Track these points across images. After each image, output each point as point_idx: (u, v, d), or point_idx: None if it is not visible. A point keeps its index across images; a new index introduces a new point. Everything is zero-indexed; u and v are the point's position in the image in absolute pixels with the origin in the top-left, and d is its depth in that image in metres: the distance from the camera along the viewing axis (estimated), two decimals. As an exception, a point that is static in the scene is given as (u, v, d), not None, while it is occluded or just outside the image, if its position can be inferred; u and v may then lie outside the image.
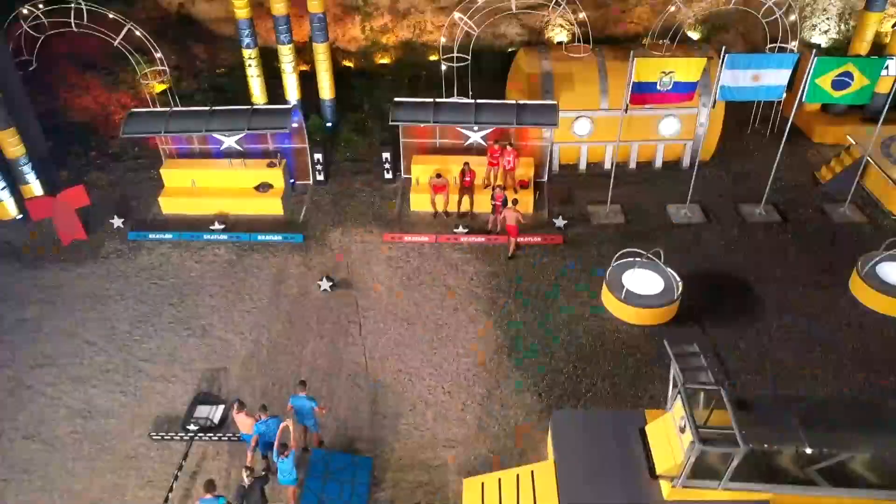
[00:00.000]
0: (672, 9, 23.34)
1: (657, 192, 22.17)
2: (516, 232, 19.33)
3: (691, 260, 19.42)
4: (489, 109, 20.16)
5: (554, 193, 22.16)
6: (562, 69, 22.12)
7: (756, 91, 18.65)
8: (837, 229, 20.48)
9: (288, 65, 24.17)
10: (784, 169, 22.97)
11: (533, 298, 18.28)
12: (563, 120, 21.99)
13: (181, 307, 18.18)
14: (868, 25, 22.59)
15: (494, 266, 19.40)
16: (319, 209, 21.67)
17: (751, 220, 20.84)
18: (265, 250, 20.04)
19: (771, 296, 18.26)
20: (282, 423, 12.86)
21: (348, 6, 29.03)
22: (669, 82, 18.44)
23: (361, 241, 20.39)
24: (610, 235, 20.41)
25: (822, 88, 18.56)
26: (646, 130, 22.33)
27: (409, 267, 19.41)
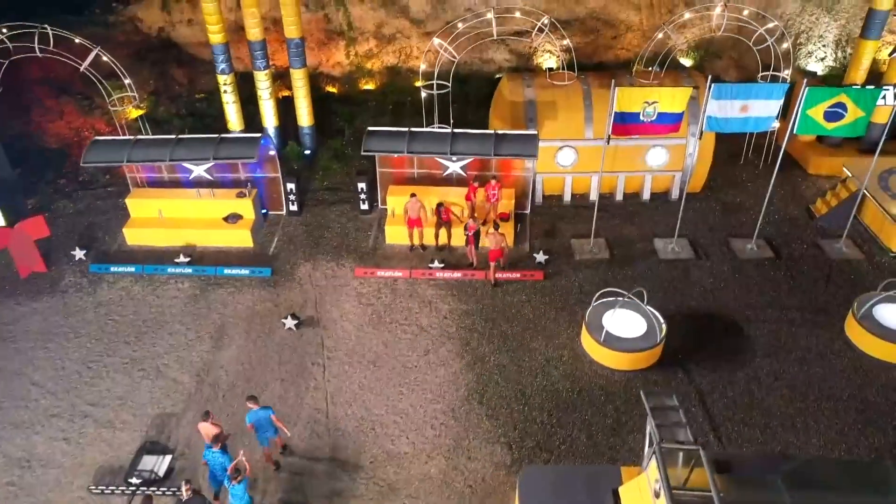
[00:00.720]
0: (660, 35, 22.61)
1: (644, 226, 21.23)
2: (500, 255, 18.49)
3: (678, 298, 18.43)
4: (466, 139, 19.33)
5: (536, 226, 21.25)
6: (545, 97, 21.32)
7: (744, 122, 17.76)
8: (833, 266, 19.47)
9: (265, 91, 23.46)
10: (778, 201, 22.08)
11: (509, 339, 17.28)
12: (546, 149, 21.21)
13: (137, 346, 17.24)
14: (864, 54, 21.75)
15: (470, 303, 18.43)
16: (291, 241, 20.78)
17: (742, 256, 19.85)
18: (231, 285, 19.12)
19: (762, 338, 17.23)
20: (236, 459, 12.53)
21: (332, 31, 28.44)
22: (653, 113, 17.58)
23: (333, 275, 19.46)
24: (593, 271, 19.43)
25: (814, 120, 17.66)
26: (633, 161, 21.46)
27: (381, 304, 18.46)
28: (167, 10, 27.20)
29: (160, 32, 27.75)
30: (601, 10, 27.93)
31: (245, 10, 21.86)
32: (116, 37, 26.83)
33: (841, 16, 26.76)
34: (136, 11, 27.44)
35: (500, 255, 18.58)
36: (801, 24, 27.40)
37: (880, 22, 20.98)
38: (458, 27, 22.39)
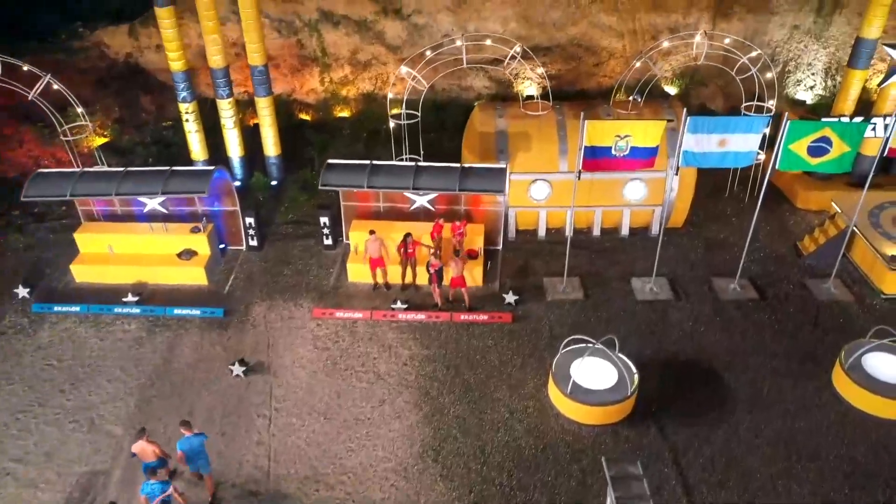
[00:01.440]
0: (637, 64, 21.69)
1: (622, 263, 20.13)
2: (463, 282, 17.75)
3: (655, 343, 17.28)
4: (430, 174, 18.30)
5: (508, 263, 20.15)
6: (518, 128, 20.33)
7: (723, 157, 16.72)
8: (821, 309, 18.31)
9: (228, 119, 22.53)
10: (763, 238, 21.00)
11: (471, 389, 16.11)
12: (518, 183, 20.20)
13: (72, 394, 16.09)
14: (852, 83, 20.77)
15: (433, 348, 17.28)
16: (249, 279, 19.70)
17: (724, 297, 18.71)
18: (179, 326, 18.00)
19: (743, 388, 16.04)
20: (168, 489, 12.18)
21: (306, 57, 27.61)
22: (626, 147, 16.55)
23: (289, 316, 18.34)
24: (566, 313, 18.30)
25: (797, 155, 16.62)
26: (610, 195, 20.41)
27: (337, 348, 17.31)
28: (134, 35, 26.39)
29: (127, 58, 26.92)
30: (582, 36, 27.08)
31: (206, 36, 20.99)
32: (79, 63, 25.98)
33: (830, 43, 25.86)
34: (102, 37, 26.63)
35: (462, 284, 17.71)
36: (790, 52, 26.50)
37: (868, 51, 20.04)
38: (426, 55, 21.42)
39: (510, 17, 26.81)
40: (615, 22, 26.69)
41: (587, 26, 26.94)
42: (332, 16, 26.79)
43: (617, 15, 26.59)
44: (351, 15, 26.85)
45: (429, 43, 26.22)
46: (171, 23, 20.54)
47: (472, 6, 26.62)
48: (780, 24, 26.02)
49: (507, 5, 26.55)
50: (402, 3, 26.63)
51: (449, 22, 26.84)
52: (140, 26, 26.26)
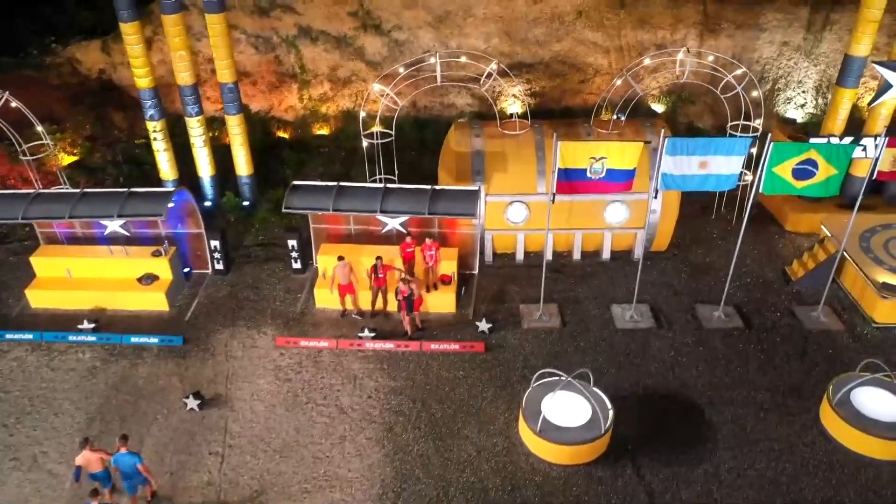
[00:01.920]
0: (618, 82, 21.00)
1: (603, 289, 19.29)
2: (416, 306, 17.10)
3: (633, 375, 16.42)
4: (399, 196, 17.51)
5: (483, 289, 19.33)
6: (494, 147, 19.59)
7: (704, 180, 15.93)
8: (809, 338, 17.44)
9: (198, 138, 21.80)
10: (751, 262, 20.17)
11: (438, 424, 15.24)
12: (495, 205, 19.43)
13: (16, 429, 15.23)
14: (841, 102, 20.02)
15: (400, 380, 16.42)
16: (213, 304, 18.87)
17: (708, 325, 17.85)
18: (136, 355, 17.17)
19: (725, 425, 15.16)
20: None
21: (284, 73, 26.98)
22: (602, 169, 15.78)
23: (252, 344, 17.51)
24: (542, 343, 17.45)
25: (782, 178, 15.84)
26: (590, 217, 19.62)
27: (300, 380, 16.46)
28: (107, 51, 25.77)
29: (100, 74, 26.30)
30: (566, 53, 26.44)
31: (173, 52, 20.31)
32: (50, 79, 25.35)
33: (820, 60, 25.18)
34: (74, 52, 26.03)
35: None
36: (779, 69, 25.82)
37: (857, 69, 19.30)
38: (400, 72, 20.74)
39: (493, 33, 26.20)
40: (600, 38, 26.07)
41: (572, 43, 26.32)
42: (311, 31, 26.20)
43: (602, 31, 25.97)
44: (329, 31, 26.25)
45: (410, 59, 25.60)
46: (137, 38, 19.87)
47: (453, 22, 26.02)
48: (769, 40, 25.37)
49: (489, 21, 25.95)
50: (381, 18, 26.04)
51: (430, 38, 26.24)
52: (113, 42, 25.64)
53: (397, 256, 18.26)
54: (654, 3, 25.36)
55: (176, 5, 19.56)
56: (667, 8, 25.42)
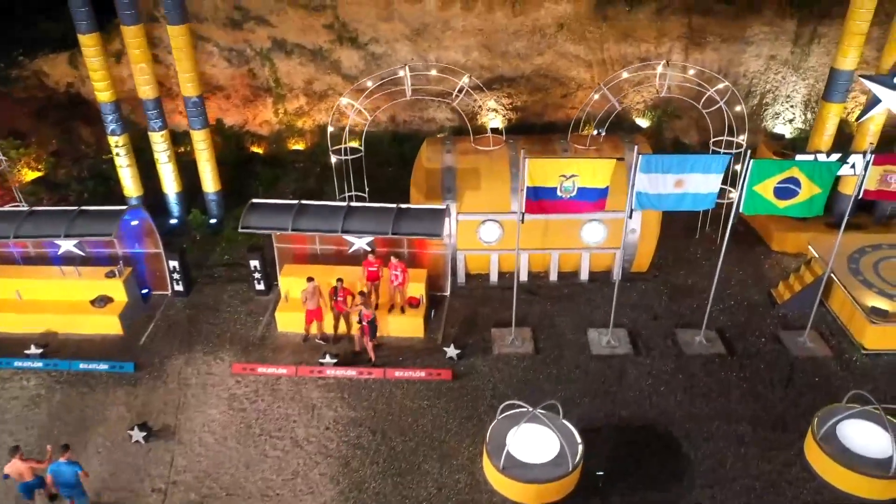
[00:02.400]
0: (596, 96, 20.27)
1: (580, 312, 18.42)
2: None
3: (608, 405, 15.52)
4: (362, 215, 16.67)
5: (455, 312, 18.46)
6: (467, 164, 18.80)
7: (681, 199, 15.10)
8: (795, 365, 16.55)
9: (162, 153, 21.03)
10: (735, 284, 19.32)
11: (398, 459, 14.31)
12: (467, 224, 18.62)
13: (-52, 464, 14.27)
14: (828, 118, 19.25)
15: (360, 410, 15.51)
16: (169, 328, 17.99)
17: (689, 351, 16.96)
18: (84, 383, 16.27)
19: (704, 460, 14.23)
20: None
21: (259, 87, 26.24)
22: (573, 188, 14.96)
23: (207, 371, 16.61)
24: (513, 370, 16.55)
25: (763, 197, 15.01)
26: (567, 237, 18.79)
27: (255, 409, 15.55)
28: (75, 64, 25.03)
29: (68, 88, 25.55)
30: (548, 66, 25.72)
31: (134, 65, 19.62)
32: (16, 92, 24.62)
33: (809, 74, 24.44)
34: (42, 65, 25.30)
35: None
36: (767, 84, 25.09)
37: (844, 83, 18.55)
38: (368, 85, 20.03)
39: (472, 46, 25.50)
40: (583, 51, 25.37)
41: (553, 56, 25.60)
42: (285, 44, 25.49)
43: (584, 44, 25.27)
44: (305, 44, 25.54)
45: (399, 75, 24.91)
46: (96, 51, 19.21)
47: (431, 35, 25.33)
48: (756, 54, 24.65)
49: (468, 34, 25.26)
50: (358, 31, 25.34)
51: (408, 51, 25.54)
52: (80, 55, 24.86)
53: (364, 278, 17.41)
54: (637, 16, 24.69)
55: (135, 17, 18.88)
56: (650, 21, 24.73)
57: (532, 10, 24.80)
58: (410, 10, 24.84)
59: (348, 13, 25.02)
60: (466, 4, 24.70)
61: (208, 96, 26.37)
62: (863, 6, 17.37)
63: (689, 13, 24.51)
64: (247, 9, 24.82)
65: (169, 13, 18.75)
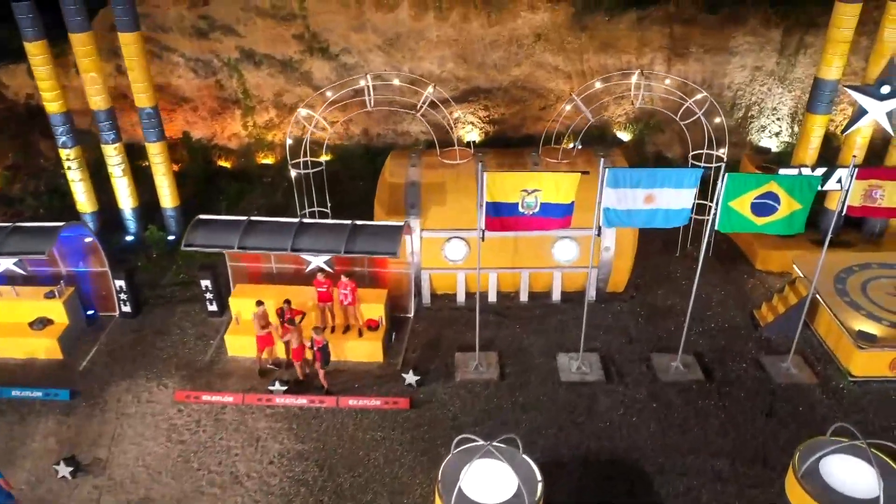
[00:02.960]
0: (568, 108, 19.37)
1: (550, 335, 17.36)
2: (300, 355, 15.32)
3: (575, 437, 14.41)
4: (315, 232, 15.65)
5: (417, 335, 17.40)
6: (432, 178, 17.85)
7: (652, 216, 14.10)
8: (777, 393, 15.45)
9: (116, 167, 20.06)
10: (716, 305, 18.27)
11: (344, 497, 13.21)
12: (432, 241, 17.62)
13: None
14: (812, 130, 18.30)
15: (309, 442, 14.40)
16: (113, 353, 16.92)
17: (664, 378, 15.88)
18: (15, 412, 15.19)
19: (677, 499, 13.13)
20: None
21: (227, 99, 25.37)
22: (535, 203, 13.96)
23: (149, 399, 15.52)
24: (475, 397, 15.46)
25: (739, 214, 14.00)
26: (537, 255, 17.79)
27: (195, 441, 14.44)
28: (34, 75, 24.14)
29: (27, 99, 24.65)
30: (526, 78, 24.85)
31: (84, 74, 18.74)
32: (-29, 104, 23.75)
33: (795, 86, 23.54)
34: (0, 76, 24.42)
35: (300, 356, 15.42)
36: (752, 96, 24.19)
37: (828, 93, 17.61)
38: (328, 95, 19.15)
39: (447, 56, 24.65)
40: (561, 62, 24.50)
41: (531, 67, 24.74)
42: (254, 55, 24.65)
43: (563, 55, 24.42)
44: (274, 54, 24.70)
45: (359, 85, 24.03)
46: (44, 59, 18.33)
47: (405, 45, 24.48)
48: (741, 65, 23.77)
49: (443, 45, 24.41)
50: (329, 41, 24.51)
51: (381, 62, 24.68)
52: (41, 65, 24.01)
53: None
54: (617, 26, 23.85)
55: (83, 24, 17.97)
56: (631, 31, 23.89)
57: (508, 19, 23.98)
58: (383, 19, 24.02)
59: (319, 23, 24.20)
60: (440, 14, 23.88)
61: (174, 108, 25.55)
62: (846, 13, 16.48)
63: (670, 23, 23.68)
64: (213, 18, 24.00)
65: (119, 20, 17.88)
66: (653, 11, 23.75)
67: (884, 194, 14.01)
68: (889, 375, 15.52)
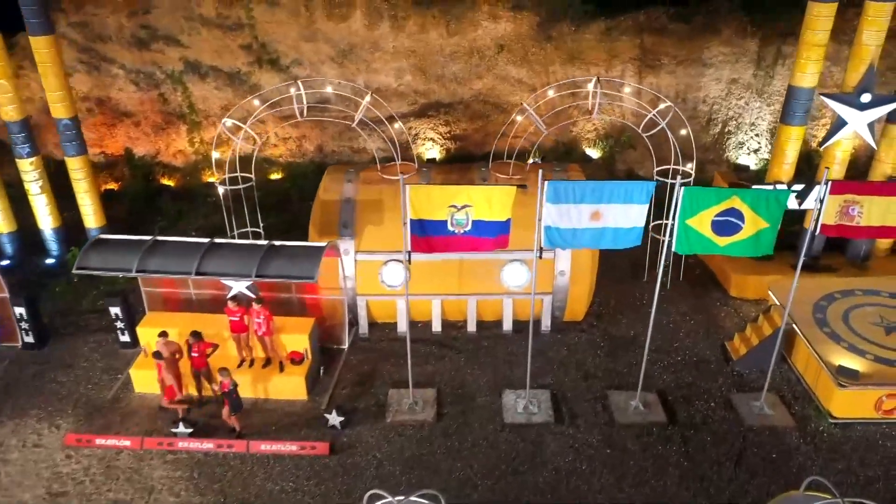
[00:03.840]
0: (519, 118, 17.83)
1: (498, 369, 15.57)
2: (172, 394, 13.64)
3: (514, 489, 12.56)
4: (226, 254, 13.92)
5: (350, 369, 15.60)
6: (368, 195, 16.21)
7: (599, 235, 12.41)
8: (748, 438, 13.62)
9: (33, 184, 18.45)
10: (684, 336, 16.53)
11: (238, 562, 11.31)
12: (368, 264, 15.92)
13: None
14: (787, 143, 16.67)
15: (209, 494, 12.55)
16: (7, 388, 15.13)
17: (622, 419, 14.05)
18: None
19: (626, 564, 11.22)
20: None
21: (171, 113, 23.87)
22: (466, 221, 12.28)
23: (36, 442, 13.69)
24: (405, 442, 13.63)
25: (698, 233, 12.32)
26: (485, 280, 16.08)
27: (78, 493, 12.60)
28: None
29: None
30: (489, 91, 23.39)
31: (-7, 82, 17.13)
32: None
33: (774, 100, 22.02)
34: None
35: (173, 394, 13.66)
36: (729, 110, 22.68)
37: (804, 102, 16.02)
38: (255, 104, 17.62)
39: (405, 69, 23.21)
40: (526, 75, 23.05)
41: (494, 80, 23.29)
42: (199, 66, 23.21)
43: (527, 67, 22.98)
44: (221, 66, 23.27)
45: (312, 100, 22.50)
46: (-52, 66, 16.73)
47: (359, 57, 23.04)
48: (716, 77, 22.30)
49: (400, 56, 22.97)
50: (278, 52, 23.08)
51: (334, 74, 23.19)
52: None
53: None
54: (584, 36, 22.43)
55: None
56: (599, 41, 22.48)
57: (469, 29, 22.57)
58: (335, 29, 22.61)
59: (267, 32, 22.79)
60: (396, 23, 22.47)
61: (115, 123, 24.04)
62: (819, 13, 14.96)
63: (640, 33, 22.26)
64: (155, 27, 22.59)
65: (29, 22, 16.36)
66: (622, 21, 22.36)
67: (862, 211, 12.33)
68: (875, 417, 13.71)
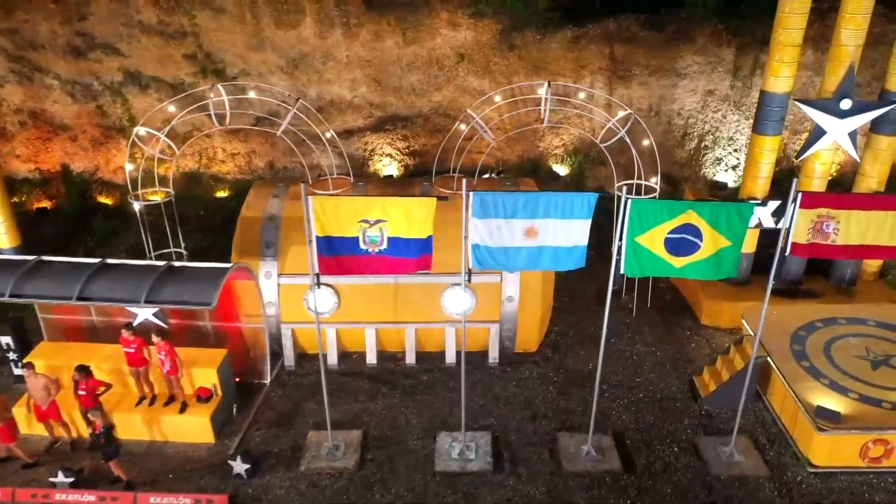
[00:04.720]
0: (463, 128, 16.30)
1: (436, 407, 13.79)
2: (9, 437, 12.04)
3: (436, 554, 10.71)
4: (115, 276, 12.19)
5: (270, 408, 13.82)
6: (296, 213, 14.52)
7: (536, 255, 10.72)
8: (714, 490, 11.80)
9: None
10: (648, 369, 14.76)
11: None
12: (292, 288, 14.25)
13: None
14: (760, 155, 15.05)
15: (80, 558, 10.69)
16: None
17: (570, 467, 12.24)
18: None
19: None
20: None
21: (110, 127, 22.37)
22: (380, 238, 10.61)
23: None
24: (318, 493, 11.83)
25: (649, 252, 10.64)
26: (423, 307, 14.38)
27: (-73, 556, 10.75)
28: None
29: None
30: (449, 104, 21.92)
31: None
32: None
33: (752, 112, 20.34)
34: None
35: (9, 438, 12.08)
36: (706, 124, 21.15)
37: (777, 109, 14.42)
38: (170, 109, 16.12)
39: (359, 80, 21.74)
40: (488, 86, 21.55)
41: (454, 91, 21.82)
42: (140, 77, 21.75)
43: (489, 78, 21.52)
44: (163, 77, 21.81)
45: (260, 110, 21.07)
46: None
47: (311, 67, 21.60)
48: (691, 88, 20.80)
49: (354, 66, 21.51)
50: (225, 62, 21.64)
51: (285, 86, 21.73)
52: None
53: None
54: (549, 45, 20.99)
55: None
56: (566, 50, 21.03)
57: (427, 38, 21.14)
58: (284, 37, 21.19)
59: (212, 41, 21.37)
60: (349, 31, 21.05)
61: (50, 138, 22.52)
62: (793, 10, 13.44)
63: (610, 41, 20.82)
64: (91, 35, 21.17)
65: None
66: (590, 29, 20.92)
67: (838, 228, 10.67)
68: (860, 466, 11.90)
